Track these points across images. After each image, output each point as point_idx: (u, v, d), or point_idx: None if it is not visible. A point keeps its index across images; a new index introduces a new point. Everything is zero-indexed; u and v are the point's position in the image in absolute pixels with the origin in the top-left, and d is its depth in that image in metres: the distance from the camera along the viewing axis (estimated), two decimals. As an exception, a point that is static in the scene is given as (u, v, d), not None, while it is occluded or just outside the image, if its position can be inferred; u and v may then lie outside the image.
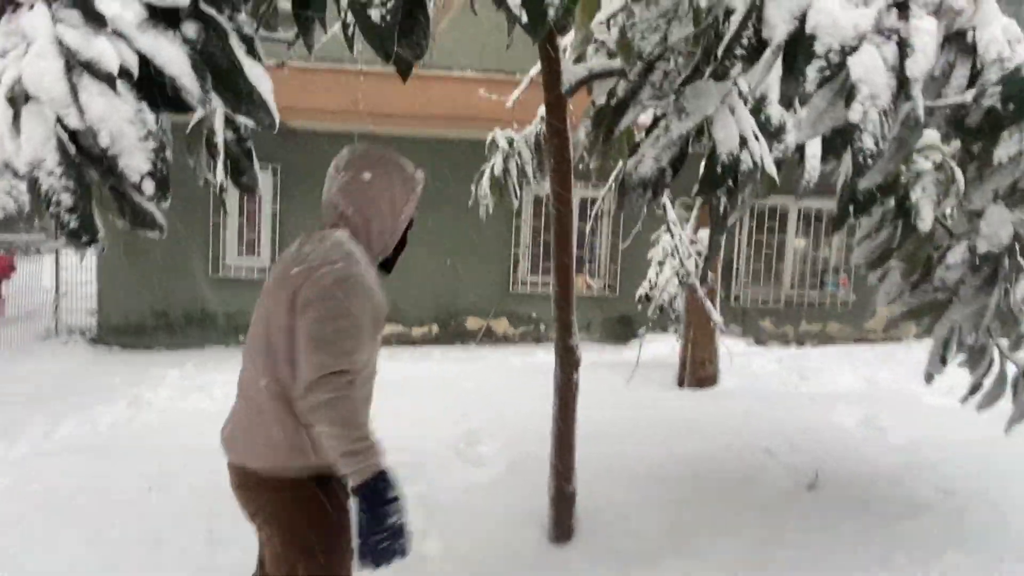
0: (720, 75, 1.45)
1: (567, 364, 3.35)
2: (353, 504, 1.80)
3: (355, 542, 1.81)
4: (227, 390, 7.54)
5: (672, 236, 4.29)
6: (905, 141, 1.53)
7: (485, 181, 3.92)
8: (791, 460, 4.40)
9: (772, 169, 1.88)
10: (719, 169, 1.69)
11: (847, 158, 1.87)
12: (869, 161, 1.34)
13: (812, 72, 1.38)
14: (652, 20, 1.85)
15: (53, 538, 3.52)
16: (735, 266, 9.60)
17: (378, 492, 1.76)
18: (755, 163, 1.82)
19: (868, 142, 1.36)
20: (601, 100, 3.70)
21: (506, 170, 3.82)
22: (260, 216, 9.19)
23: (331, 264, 1.85)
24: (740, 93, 1.86)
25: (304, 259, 1.89)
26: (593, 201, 9.37)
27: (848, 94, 1.46)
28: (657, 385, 6.12)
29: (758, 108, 2.04)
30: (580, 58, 2.92)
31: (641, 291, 6.79)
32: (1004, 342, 2.65)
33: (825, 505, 3.83)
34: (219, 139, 2.69)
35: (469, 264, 9.29)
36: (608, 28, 2.73)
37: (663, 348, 7.79)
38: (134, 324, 8.82)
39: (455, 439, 4.81)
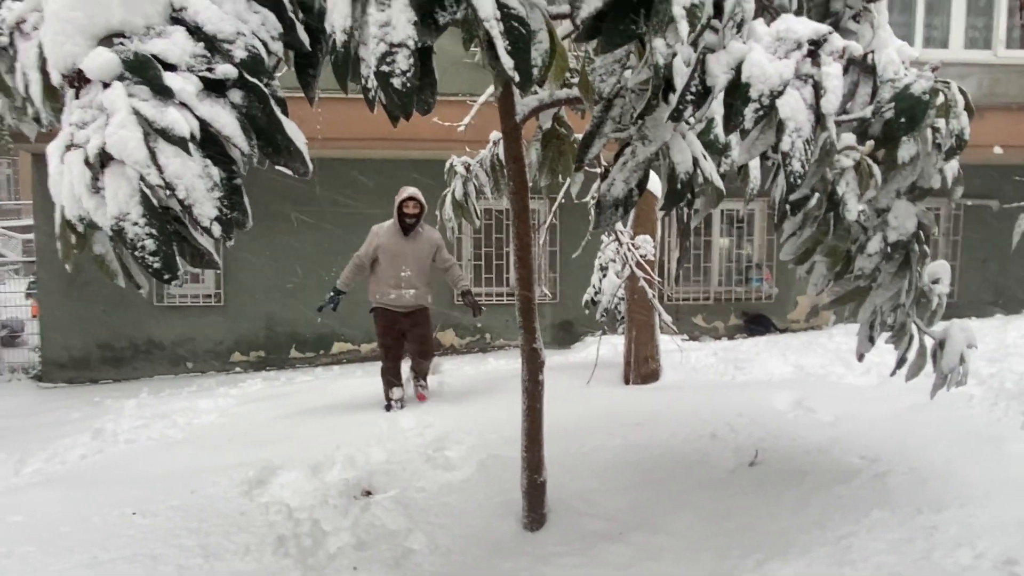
0: (676, 116, 1.80)
1: (533, 365, 3.67)
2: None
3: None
4: (188, 418, 7.63)
5: (620, 243, 4.68)
6: (823, 161, 1.92)
7: (448, 205, 4.23)
8: (733, 442, 4.81)
9: (719, 182, 2.26)
10: (679, 186, 2.05)
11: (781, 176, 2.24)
12: (799, 181, 1.71)
13: (749, 113, 1.75)
14: (608, 65, 2.20)
15: (48, 566, 3.57)
16: (666, 267, 10.13)
17: (470, 293, 6.35)
18: (706, 179, 2.20)
19: (796, 166, 1.73)
20: (547, 125, 4.08)
21: (466, 193, 4.14)
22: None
23: (434, 233, 6.18)
24: (688, 121, 2.23)
25: (424, 232, 6.18)
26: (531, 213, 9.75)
27: (777, 127, 1.84)
28: (605, 383, 6.48)
29: (707, 130, 2.42)
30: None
31: (587, 296, 7.19)
32: (920, 320, 3.09)
33: (766, 478, 4.21)
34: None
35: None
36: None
37: (605, 349, 8.19)
38: (78, 358, 8.73)
39: (423, 446, 5.05)
